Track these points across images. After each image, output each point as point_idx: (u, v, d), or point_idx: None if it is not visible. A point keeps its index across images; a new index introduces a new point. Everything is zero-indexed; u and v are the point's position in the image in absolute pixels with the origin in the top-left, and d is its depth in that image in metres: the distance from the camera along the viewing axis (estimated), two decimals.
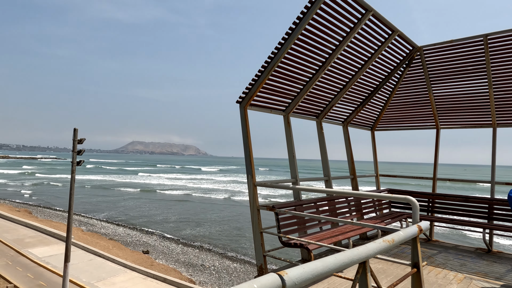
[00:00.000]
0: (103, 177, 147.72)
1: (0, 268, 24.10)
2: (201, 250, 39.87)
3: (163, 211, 64.79)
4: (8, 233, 34.79)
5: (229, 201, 78.75)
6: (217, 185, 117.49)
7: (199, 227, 51.81)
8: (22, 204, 67.78)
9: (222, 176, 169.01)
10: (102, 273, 23.90)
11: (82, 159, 16.48)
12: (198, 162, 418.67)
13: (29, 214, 51.69)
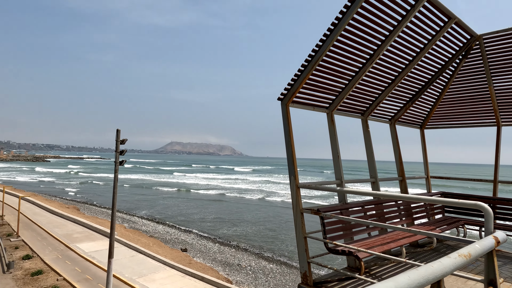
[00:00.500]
0: (140, 176, 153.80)
1: (52, 261, 25.68)
2: (237, 250, 40.07)
3: (200, 210, 66.06)
4: (58, 228, 37.09)
5: (263, 202, 78.72)
6: (251, 185, 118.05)
7: (235, 227, 52.17)
8: (70, 201, 72.23)
9: (256, 176, 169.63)
10: (143, 269, 24.66)
11: (124, 159, 17.04)
12: (233, 162, 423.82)
13: (77, 210, 54.83)
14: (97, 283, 21.88)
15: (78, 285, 20.84)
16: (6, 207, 47.93)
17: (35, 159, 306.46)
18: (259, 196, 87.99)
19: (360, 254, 4.49)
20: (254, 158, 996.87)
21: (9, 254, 26.66)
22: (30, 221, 40.20)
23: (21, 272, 23.15)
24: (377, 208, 6.24)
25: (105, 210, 62.76)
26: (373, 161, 6.90)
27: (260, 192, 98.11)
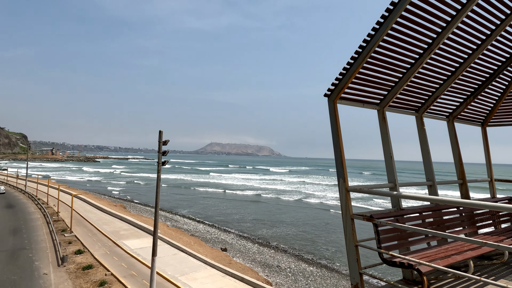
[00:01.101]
0: (179, 176, 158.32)
1: (101, 256, 27.05)
2: (276, 251, 39.74)
3: (238, 210, 66.60)
4: (107, 225, 39.09)
5: (301, 203, 77.78)
6: (288, 186, 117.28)
7: (274, 228, 51.90)
8: (118, 199, 76.13)
9: (292, 177, 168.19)
10: (185, 267, 25.16)
11: (166, 160, 17.43)
12: (270, 163, 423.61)
13: (123, 208, 57.55)
14: (141, 279, 22.64)
15: (124, 281, 21.69)
16: (61, 204, 51.50)
17: (86, 159, 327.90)
18: (296, 198, 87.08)
19: (422, 268, 3.99)
20: (292, 159, 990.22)
21: (63, 248, 28.48)
22: (82, 217, 42.80)
23: (74, 266, 24.60)
24: (435, 215, 5.62)
25: (148, 208, 65.33)
26: (430, 162, 6.25)
27: (297, 193, 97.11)
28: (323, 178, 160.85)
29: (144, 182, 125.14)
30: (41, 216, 42.14)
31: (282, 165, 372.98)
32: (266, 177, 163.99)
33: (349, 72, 4.70)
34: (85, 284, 21.22)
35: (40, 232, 34.07)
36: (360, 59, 4.58)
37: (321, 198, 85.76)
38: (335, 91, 4.88)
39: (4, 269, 23.08)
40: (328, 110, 4.96)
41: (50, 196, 58.65)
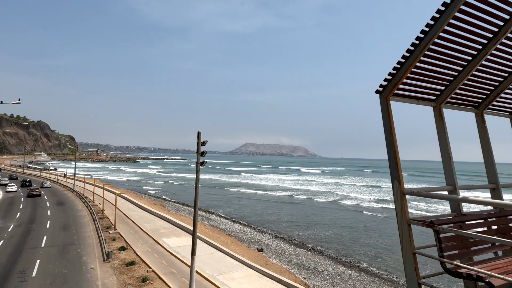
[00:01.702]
0: (213, 176, 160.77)
1: (142, 253, 28.06)
2: (313, 253, 39.09)
3: (274, 211, 66.42)
4: (147, 223, 40.53)
5: (336, 205, 76.09)
6: (322, 187, 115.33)
7: (310, 229, 51.14)
8: (157, 198, 78.85)
9: (327, 177, 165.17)
10: (223, 267, 25.41)
11: (205, 160, 17.66)
12: (304, 163, 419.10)
13: (163, 207, 59.43)
14: (181, 277, 23.16)
15: (165, 278, 22.29)
16: (106, 202, 54.20)
17: (128, 159, 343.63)
18: (331, 199, 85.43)
19: (494, 281, 3.59)
20: (327, 159, 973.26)
21: (108, 244, 29.89)
22: (124, 215, 44.73)
23: (118, 261, 25.71)
24: (501, 221, 5.10)
25: (186, 207, 66.97)
26: (493, 163, 5.70)
27: (331, 194, 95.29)
28: (358, 179, 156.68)
29: (178, 182, 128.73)
30: (88, 213, 44.58)
31: (316, 165, 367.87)
32: (300, 177, 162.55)
33: (404, 67, 4.37)
34: (128, 279, 22.06)
35: (87, 229, 36.02)
36: (417, 52, 4.24)
37: (357, 200, 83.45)
38: (388, 87, 4.56)
39: (55, 263, 24.61)
40: (380, 107, 4.65)
41: (95, 195, 61.90)
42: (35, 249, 28.03)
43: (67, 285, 20.53)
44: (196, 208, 18.49)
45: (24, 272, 22.49)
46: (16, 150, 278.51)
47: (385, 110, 4.61)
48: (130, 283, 21.50)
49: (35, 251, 27.31)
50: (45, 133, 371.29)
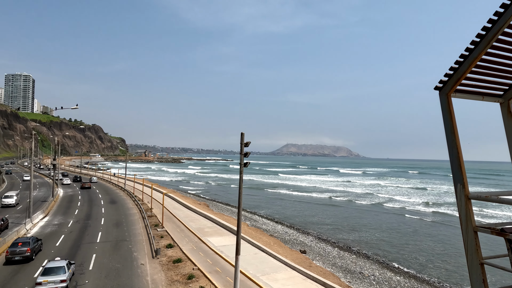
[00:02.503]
0: (251, 177, 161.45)
1: (188, 251, 28.96)
2: (358, 256, 37.86)
3: (316, 212, 65.36)
4: (193, 222, 41.79)
5: (379, 207, 73.07)
6: (365, 188, 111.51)
7: (354, 232, 49.62)
8: (201, 198, 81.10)
9: (370, 179, 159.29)
10: (266, 267, 25.44)
11: (248, 161, 17.81)
12: (347, 164, 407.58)
13: (206, 207, 60.94)
14: (225, 276, 23.55)
15: (210, 276, 22.79)
16: (153, 201, 56.77)
17: (173, 160, 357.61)
18: (375, 201, 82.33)
19: None
20: (371, 160, 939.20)
21: (156, 242, 31.24)
22: (171, 214, 46.53)
23: (165, 258, 26.78)
24: None
25: (229, 207, 68.11)
26: None
27: (374, 196, 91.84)
28: (402, 181, 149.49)
29: (217, 182, 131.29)
30: (138, 211, 46.95)
31: (359, 166, 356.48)
32: (341, 178, 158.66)
33: (468, 60, 4.03)
34: (175, 276, 22.86)
35: (137, 226, 37.94)
36: (484, 43, 3.88)
37: (403, 203, 79.61)
38: (449, 82, 4.24)
39: (109, 258, 26.20)
40: (440, 105, 4.33)
41: (144, 194, 65.03)
42: (91, 244, 30.06)
43: (120, 279, 21.74)
44: (240, 208, 18.69)
45: (82, 265, 24.20)
46: (74, 152, 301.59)
47: (445, 108, 4.29)
48: (177, 279, 22.26)
49: (91, 246, 29.28)
50: (99, 135, 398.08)
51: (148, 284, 21.30)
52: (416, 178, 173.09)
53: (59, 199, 55.89)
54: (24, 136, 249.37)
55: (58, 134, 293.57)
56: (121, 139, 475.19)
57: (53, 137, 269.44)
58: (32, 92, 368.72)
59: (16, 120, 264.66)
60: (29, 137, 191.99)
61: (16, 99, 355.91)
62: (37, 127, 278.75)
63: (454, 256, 39.13)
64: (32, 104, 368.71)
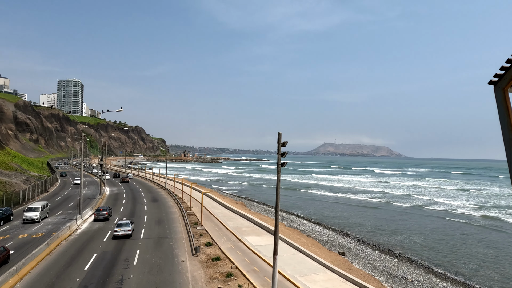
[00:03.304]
0: (286, 177, 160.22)
1: (226, 250, 29.44)
2: (400, 260, 36.34)
3: (355, 214, 63.64)
4: (230, 221, 42.41)
5: (421, 210, 69.58)
6: (405, 190, 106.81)
7: (395, 235, 47.69)
8: (238, 197, 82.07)
9: (411, 180, 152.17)
10: (304, 268, 25.19)
11: (285, 161, 17.74)
12: (387, 164, 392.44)
13: (244, 206, 61.55)
14: (263, 275, 23.63)
15: (248, 275, 22.99)
16: (192, 200, 58.36)
17: (211, 160, 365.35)
18: (417, 203, 78.65)
19: None
20: (413, 160, 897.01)
21: (196, 240, 32.08)
22: (209, 213, 47.57)
23: (205, 256, 27.41)
24: None
25: (265, 207, 68.28)
26: None
27: (416, 198, 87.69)
28: (445, 182, 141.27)
29: (250, 182, 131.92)
30: (178, 210, 48.51)
31: (400, 166, 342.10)
32: (380, 179, 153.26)
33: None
34: (214, 274, 23.33)
35: (177, 224, 39.20)
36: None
37: (447, 206, 75.36)
38: (506, 76, 3.94)
39: (152, 254, 27.32)
40: (496, 100, 4.04)
41: (184, 193, 67.02)
42: (135, 240, 31.51)
43: (162, 275, 22.59)
44: (277, 208, 18.67)
45: (127, 260, 25.44)
46: (118, 152, 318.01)
47: (501, 103, 3.99)
48: (216, 277, 22.70)
49: (135, 242, 30.69)
50: (141, 136, 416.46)
51: (188, 280, 21.93)
52: (460, 179, 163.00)
53: (106, 197, 59.19)
54: (75, 138, 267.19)
55: (105, 136, 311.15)
56: (162, 140, 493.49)
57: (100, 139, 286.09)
58: (81, 96, 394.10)
59: (67, 123, 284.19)
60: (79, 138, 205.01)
61: (67, 103, 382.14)
62: (86, 129, 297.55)
63: (510, 264, 36.34)
64: (81, 107, 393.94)
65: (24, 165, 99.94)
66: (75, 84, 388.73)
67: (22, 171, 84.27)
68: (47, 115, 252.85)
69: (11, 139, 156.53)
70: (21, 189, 54.44)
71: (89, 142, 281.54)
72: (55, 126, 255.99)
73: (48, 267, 23.53)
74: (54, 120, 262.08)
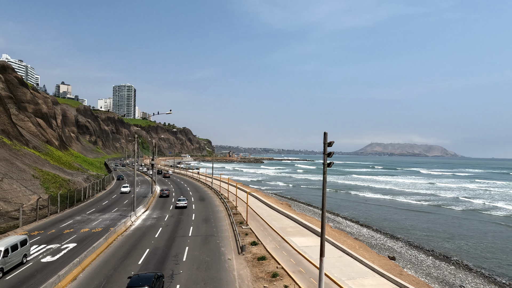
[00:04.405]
0: (336, 179, 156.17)
1: (272, 250, 29.53)
2: (457, 268, 33.95)
3: (406, 217, 60.55)
4: (275, 221, 42.47)
5: (477, 215, 64.47)
6: (461, 192, 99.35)
7: (452, 241, 44.64)
8: (283, 197, 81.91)
9: (468, 182, 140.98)
10: (351, 272, 24.47)
11: (332, 161, 17.39)
12: (440, 165, 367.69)
13: (288, 207, 61.32)
14: (309, 277, 23.35)
15: (294, 276, 22.86)
16: (238, 199, 59.31)
17: (255, 160, 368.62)
18: (474, 207, 72.82)
19: None
20: (470, 160, 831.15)
21: (241, 238, 32.57)
22: (254, 213, 48.04)
23: (250, 255, 27.74)
24: None
25: (310, 208, 67.38)
26: None
27: (473, 201, 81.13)
28: (505, 184, 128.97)
29: (298, 182, 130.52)
30: (224, 209, 49.61)
31: (453, 167, 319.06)
32: (430, 180, 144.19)
33: None
34: (260, 273, 23.52)
35: (224, 223, 40.09)
36: None
37: (509, 211, 68.71)
38: None
39: (200, 251, 28.23)
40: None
41: (229, 192, 68.36)
42: (184, 237, 32.78)
43: (209, 272, 23.27)
44: (324, 209, 18.36)
45: (177, 256, 26.54)
46: (168, 153, 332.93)
47: None
48: (262, 276, 22.87)
49: (184, 239, 31.93)
50: (189, 137, 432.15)
51: (235, 278, 22.34)
52: None
53: (156, 196, 62.24)
54: (128, 139, 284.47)
55: (155, 137, 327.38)
56: (208, 141, 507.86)
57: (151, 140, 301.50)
58: (134, 100, 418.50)
59: (122, 125, 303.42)
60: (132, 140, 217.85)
61: (121, 107, 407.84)
62: (138, 131, 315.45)
63: None
64: (134, 111, 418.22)
65: (84, 165, 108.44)
66: (128, 88, 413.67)
67: (83, 170, 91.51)
68: (104, 118, 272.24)
69: (74, 141, 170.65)
70: (82, 187, 59.15)
71: (141, 143, 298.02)
72: (111, 129, 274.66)
73: (106, 259, 25.30)
74: (110, 123, 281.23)
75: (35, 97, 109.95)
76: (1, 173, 46.29)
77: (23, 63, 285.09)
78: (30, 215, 40.03)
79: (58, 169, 71.65)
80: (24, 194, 45.83)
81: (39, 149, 77.91)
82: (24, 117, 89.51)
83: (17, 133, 71.65)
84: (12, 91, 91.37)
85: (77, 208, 47.61)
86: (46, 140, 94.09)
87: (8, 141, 62.21)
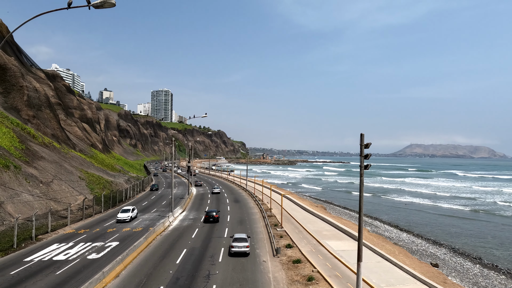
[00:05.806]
0: (373, 183, 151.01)
1: (307, 253, 29.18)
2: (509, 277, 31.62)
3: (450, 222, 57.40)
4: (310, 224, 41.95)
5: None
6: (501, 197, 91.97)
7: (502, 249, 41.72)
8: (318, 200, 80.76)
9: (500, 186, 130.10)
10: (391, 278, 23.57)
11: (369, 163, 16.92)
12: (489, 168, 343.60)
13: (324, 210, 60.34)
14: (346, 282, 22.79)
15: (330, 280, 22.41)
16: (272, 202, 59.27)
17: (289, 162, 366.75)
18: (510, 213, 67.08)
19: None
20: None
21: (276, 241, 32.49)
22: (289, 215, 47.75)
23: (285, 258, 27.60)
24: None
25: (347, 211, 65.85)
26: None
27: None
28: None
29: (334, 185, 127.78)
30: (258, 211, 49.80)
31: (502, 169, 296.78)
32: (479, 183, 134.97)
33: None
34: (295, 276, 23.33)
35: (258, 225, 40.24)
36: None
37: None
38: None
39: None
40: None
41: (263, 194, 68.53)
42: (220, 238, 33.29)
43: (245, 273, 23.44)
44: (361, 212, 17.90)
45: (213, 257, 27.02)
46: (203, 155, 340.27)
47: None
48: (297, 280, 22.66)
49: (220, 240, 32.43)
50: (223, 140, 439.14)
51: (270, 281, 22.33)
52: None
53: (193, 197, 63.82)
54: (166, 142, 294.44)
55: (191, 140, 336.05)
56: (242, 143, 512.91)
57: (187, 143, 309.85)
58: (170, 104, 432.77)
59: (160, 129, 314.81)
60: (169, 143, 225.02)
61: (159, 111, 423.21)
62: (175, 134, 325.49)
63: None
64: (171, 114, 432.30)
65: (125, 167, 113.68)
66: (165, 93, 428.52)
67: (124, 172, 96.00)
68: (143, 123, 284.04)
69: (115, 144, 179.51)
70: (124, 188, 62.03)
71: (178, 146, 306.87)
72: (149, 132, 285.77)
73: (146, 258, 26.33)
74: (149, 126, 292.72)
75: (81, 103, 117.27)
76: (51, 174, 49.72)
77: (70, 72, 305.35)
78: (77, 214, 42.64)
79: (101, 171, 75.71)
80: (72, 195, 48.90)
81: (85, 152, 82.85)
82: (71, 122, 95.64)
83: (65, 137, 76.72)
84: (61, 98, 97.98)
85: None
86: (91, 143, 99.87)
87: (57, 145, 66.75)
